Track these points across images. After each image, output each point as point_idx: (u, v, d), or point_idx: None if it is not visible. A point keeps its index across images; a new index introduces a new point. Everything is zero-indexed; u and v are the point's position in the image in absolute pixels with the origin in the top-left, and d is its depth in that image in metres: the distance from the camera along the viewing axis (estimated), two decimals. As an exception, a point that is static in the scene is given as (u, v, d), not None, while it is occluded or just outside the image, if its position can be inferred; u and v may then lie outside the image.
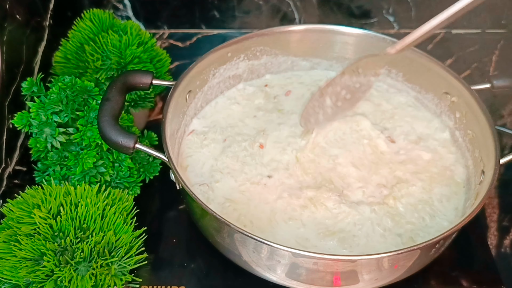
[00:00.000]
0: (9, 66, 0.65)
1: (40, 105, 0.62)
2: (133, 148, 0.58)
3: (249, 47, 0.76)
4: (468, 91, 0.67)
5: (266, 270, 0.57)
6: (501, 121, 0.83)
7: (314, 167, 0.66)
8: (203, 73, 0.72)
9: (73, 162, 0.62)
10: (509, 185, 0.74)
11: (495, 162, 0.59)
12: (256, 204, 0.63)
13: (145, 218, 0.65)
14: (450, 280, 0.63)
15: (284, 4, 0.95)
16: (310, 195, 0.63)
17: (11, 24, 0.67)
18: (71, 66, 0.71)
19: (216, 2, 0.95)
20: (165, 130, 0.61)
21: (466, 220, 0.54)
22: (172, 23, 0.99)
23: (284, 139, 0.69)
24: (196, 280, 0.63)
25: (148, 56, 0.72)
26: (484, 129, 0.63)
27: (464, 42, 0.97)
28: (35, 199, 0.56)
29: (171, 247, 0.66)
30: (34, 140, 0.62)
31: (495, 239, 0.68)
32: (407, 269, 0.57)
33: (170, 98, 0.64)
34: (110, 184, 0.64)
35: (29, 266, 0.51)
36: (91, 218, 0.55)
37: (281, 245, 0.51)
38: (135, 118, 0.72)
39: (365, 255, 0.53)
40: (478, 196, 0.60)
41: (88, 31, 0.71)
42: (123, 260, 0.54)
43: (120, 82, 0.62)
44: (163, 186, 0.71)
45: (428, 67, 0.72)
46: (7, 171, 0.65)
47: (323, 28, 0.77)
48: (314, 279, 0.56)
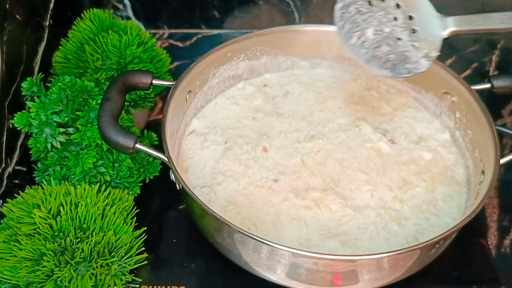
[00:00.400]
0: (9, 66, 0.65)
1: (40, 105, 0.62)
2: (133, 148, 0.58)
3: (249, 47, 0.76)
4: (468, 91, 0.67)
5: (266, 270, 0.57)
6: (501, 121, 0.83)
7: (322, 169, 0.67)
8: (203, 73, 0.72)
9: (73, 162, 0.62)
10: (509, 185, 0.74)
11: (495, 162, 0.59)
12: (260, 207, 0.63)
13: (145, 218, 0.65)
14: (450, 280, 0.63)
15: (284, 4, 0.95)
16: (315, 196, 0.63)
17: (11, 24, 0.67)
18: (71, 66, 0.71)
19: (216, 2, 0.95)
20: (165, 130, 0.61)
21: (466, 220, 0.54)
22: (172, 23, 0.99)
23: (290, 145, 0.70)
24: (196, 280, 0.63)
25: (148, 56, 0.72)
26: (484, 129, 0.63)
27: (464, 42, 0.97)
28: (35, 199, 0.56)
29: (171, 247, 0.66)
30: (34, 140, 0.62)
31: (495, 239, 0.68)
32: (407, 269, 0.57)
33: (170, 98, 0.64)
34: (110, 184, 0.64)
35: (29, 266, 0.51)
36: (91, 218, 0.55)
37: (281, 245, 0.51)
38: (135, 118, 0.72)
39: (365, 255, 0.53)
40: (478, 196, 0.60)
41: (88, 31, 0.71)
42: (123, 260, 0.54)
43: (120, 82, 0.62)
44: (163, 186, 0.71)
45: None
46: (7, 171, 0.65)
47: (323, 28, 0.77)
48: (314, 279, 0.56)
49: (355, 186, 0.65)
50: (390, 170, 0.67)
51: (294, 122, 0.73)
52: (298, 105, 0.76)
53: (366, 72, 0.80)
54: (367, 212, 0.62)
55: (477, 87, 0.67)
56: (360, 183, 0.65)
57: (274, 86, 0.80)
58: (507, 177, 0.74)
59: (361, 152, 0.69)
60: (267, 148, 0.69)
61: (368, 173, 0.67)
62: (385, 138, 0.71)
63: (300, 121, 0.74)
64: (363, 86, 0.80)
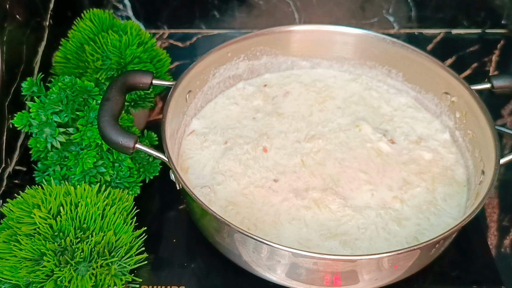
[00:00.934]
0: (9, 66, 0.65)
1: (40, 105, 0.62)
2: (133, 148, 0.58)
3: (249, 47, 0.76)
4: (468, 91, 0.67)
5: (266, 270, 0.57)
6: (501, 121, 0.83)
7: (322, 169, 0.67)
8: (203, 73, 0.72)
9: (73, 162, 0.62)
10: (509, 185, 0.74)
11: (495, 162, 0.59)
12: (260, 207, 0.63)
13: (145, 218, 0.65)
14: (450, 280, 0.63)
15: (284, 4, 0.96)
16: (315, 196, 0.63)
17: (11, 24, 0.67)
18: (71, 66, 0.71)
19: (216, 2, 0.95)
20: (165, 130, 0.61)
21: (467, 220, 0.54)
22: (172, 23, 0.99)
23: (290, 145, 0.70)
24: (196, 280, 0.63)
25: (148, 56, 0.72)
26: (484, 129, 0.63)
27: (464, 42, 0.97)
28: (35, 199, 0.56)
29: (171, 247, 0.66)
30: (34, 140, 0.62)
31: (495, 239, 0.68)
32: (407, 269, 0.57)
33: (170, 98, 0.64)
34: (110, 184, 0.64)
35: (29, 266, 0.51)
36: (91, 218, 0.55)
37: (281, 245, 0.51)
38: (135, 118, 0.72)
39: (365, 255, 0.53)
40: (478, 196, 0.60)
41: (88, 31, 0.71)
42: (123, 260, 0.54)
43: (120, 82, 0.62)
44: (163, 186, 0.71)
45: (428, 67, 0.72)
46: (7, 171, 0.65)
47: (323, 28, 0.77)
48: (314, 279, 0.56)
49: (355, 186, 0.65)
50: (390, 170, 0.67)
51: (294, 122, 0.73)
52: (298, 105, 0.76)
53: (366, 72, 0.80)
54: (367, 212, 0.62)
55: (477, 87, 0.67)
56: (360, 183, 0.65)
57: (274, 86, 0.80)
58: (507, 177, 0.74)
59: (361, 152, 0.69)
60: (267, 148, 0.69)
61: (368, 173, 0.67)
62: (385, 138, 0.71)
63: (300, 121, 0.74)
64: (363, 86, 0.80)
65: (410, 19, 0.97)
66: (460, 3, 0.95)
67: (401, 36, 0.98)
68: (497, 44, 0.96)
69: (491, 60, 0.94)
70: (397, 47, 0.74)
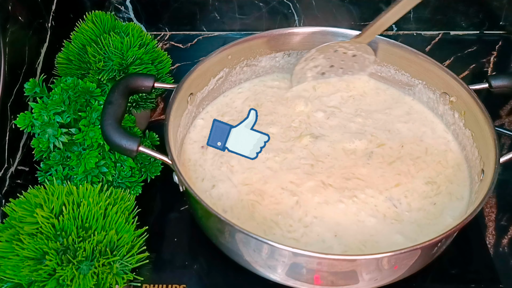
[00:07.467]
0: (11, 67, 0.66)
1: (42, 105, 0.62)
2: (136, 151, 0.58)
3: (250, 49, 0.76)
4: (467, 91, 0.67)
5: (267, 269, 0.58)
6: (499, 122, 0.83)
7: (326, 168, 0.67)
8: (204, 76, 0.72)
9: (75, 162, 0.62)
10: (507, 185, 0.75)
11: (495, 161, 0.59)
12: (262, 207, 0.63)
13: (146, 217, 0.65)
14: (449, 279, 0.63)
15: (284, 6, 0.96)
16: (318, 196, 0.63)
17: (14, 26, 0.67)
18: (73, 67, 0.71)
19: (217, 4, 0.95)
20: (168, 132, 0.61)
21: (467, 219, 0.54)
22: (173, 25, 0.99)
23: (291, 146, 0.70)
24: (197, 279, 0.63)
25: (150, 58, 0.72)
26: (483, 128, 0.64)
27: (462, 43, 0.98)
28: (38, 198, 0.56)
29: (172, 246, 0.66)
30: (37, 140, 0.63)
31: (493, 238, 0.68)
32: (407, 269, 0.57)
33: (172, 101, 0.64)
34: (112, 183, 0.65)
35: (31, 265, 0.51)
36: (93, 218, 0.55)
37: (282, 244, 0.52)
38: (137, 119, 0.72)
39: (365, 255, 0.53)
40: (478, 195, 0.60)
41: (90, 33, 0.71)
42: (125, 259, 0.54)
43: (122, 85, 0.62)
44: (164, 185, 0.72)
45: (426, 67, 0.73)
46: (10, 171, 0.66)
47: (323, 30, 0.77)
48: (314, 278, 0.56)
49: (355, 186, 0.65)
50: (390, 170, 0.67)
51: (294, 123, 0.73)
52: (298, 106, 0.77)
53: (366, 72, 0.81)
54: (367, 212, 0.62)
55: (475, 87, 0.68)
56: (360, 183, 0.66)
57: (275, 88, 0.80)
58: (505, 176, 0.74)
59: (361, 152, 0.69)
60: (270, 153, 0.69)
61: (368, 173, 0.67)
62: (385, 139, 0.71)
63: (300, 121, 0.74)
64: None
65: (409, 20, 0.97)
66: (458, 5, 0.95)
67: (399, 37, 0.99)
68: (495, 45, 0.97)
69: (490, 61, 0.94)
70: (396, 48, 0.75)
